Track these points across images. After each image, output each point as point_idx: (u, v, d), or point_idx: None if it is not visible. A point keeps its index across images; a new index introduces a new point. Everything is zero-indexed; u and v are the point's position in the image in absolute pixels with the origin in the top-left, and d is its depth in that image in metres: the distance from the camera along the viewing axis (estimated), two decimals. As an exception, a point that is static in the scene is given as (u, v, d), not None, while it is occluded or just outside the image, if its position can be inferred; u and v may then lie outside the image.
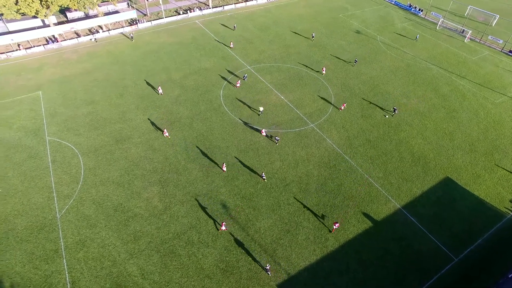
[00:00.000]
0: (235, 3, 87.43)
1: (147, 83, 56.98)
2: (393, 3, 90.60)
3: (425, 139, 45.27)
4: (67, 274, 30.90)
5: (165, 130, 45.62)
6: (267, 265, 30.36)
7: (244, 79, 55.77)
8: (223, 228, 33.58)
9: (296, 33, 72.90)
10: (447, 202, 37.54)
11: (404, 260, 32.22)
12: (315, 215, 35.62)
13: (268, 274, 30.67)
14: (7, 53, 66.73)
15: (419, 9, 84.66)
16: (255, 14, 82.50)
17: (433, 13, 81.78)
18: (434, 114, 49.60)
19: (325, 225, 34.64)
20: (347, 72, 59.07)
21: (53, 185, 39.28)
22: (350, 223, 34.87)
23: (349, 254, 32.46)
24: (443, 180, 39.93)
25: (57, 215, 36.03)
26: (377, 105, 50.89)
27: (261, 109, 47.78)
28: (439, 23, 77.70)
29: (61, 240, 33.67)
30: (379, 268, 31.60)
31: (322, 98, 52.43)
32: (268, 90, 54.29)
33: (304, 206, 36.44)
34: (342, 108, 49.08)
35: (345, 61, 62.29)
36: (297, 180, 39.29)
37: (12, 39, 67.29)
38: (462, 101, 52.64)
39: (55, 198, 37.73)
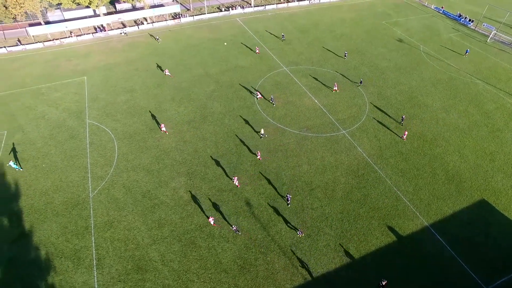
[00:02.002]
0: (276, 3, 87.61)
1: (184, 76, 58.53)
2: (441, 12, 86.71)
3: (462, 157, 43.09)
4: (94, 251, 32.56)
5: (162, 125, 45.89)
6: None
7: (271, 101, 51.79)
8: (211, 221, 34.03)
9: (336, 37, 71.86)
10: (481, 226, 35.48)
11: (427, 280, 30.92)
12: (338, 222, 35.06)
13: None
14: (61, 39, 71.26)
15: (470, 20, 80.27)
16: (296, 16, 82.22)
17: (485, 24, 77.22)
18: (475, 132, 47.07)
19: (346, 234, 34.01)
20: (385, 80, 57.46)
21: (88, 166, 41.46)
22: (373, 235, 34.00)
23: (370, 266, 31.66)
24: (478, 202, 37.83)
25: (90, 194, 38.00)
26: (414, 117, 49.08)
27: (262, 131, 44.83)
28: (490, 35, 73.32)
29: (92, 218, 35.51)
30: (400, 285, 30.57)
31: (356, 105, 51.37)
32: (302, 92, 54.00)
33: (328, 213, 35.98)
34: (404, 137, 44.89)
35: (383, 69, 60.60)
36: (323, 186, 38.85)
37: (66, 27, 71.84)
38: (508, 121, 49.47)
39: (89, 179, 39.81)
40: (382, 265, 31.68)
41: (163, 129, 45.87)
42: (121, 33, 74.05)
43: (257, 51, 65.29)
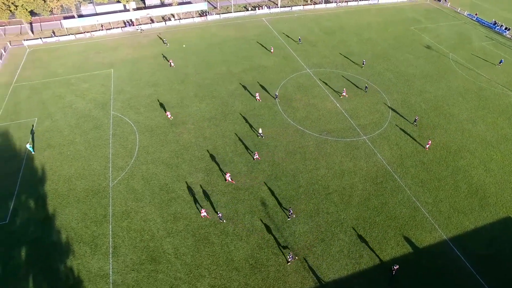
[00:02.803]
0: (303, 5, 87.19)
1: (208, 73, 59.21)
2: (474, 19, 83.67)
3: (488, 171, 41.49)
4: (111, 239, 33.47)
5: (168, 113, 48.30)
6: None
7: (275, 98, 52.55)
8: (203, 214, 34.50)
9: (361, 41, 70.79)
10: (504, 244, 33.93)
11: (442, 295, 30.06)
12: (353, 229, 34.55)
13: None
14: (92, 32, 73.67)
15: (506, 28, 76.94)
16: (322, 18, 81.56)
17: (522, 34, 74.02)
18: (504, 146, 45.19)
19: (361, 241, 33.44)
20: (409, 87, 56.08)
21: (110, 156, 42.64)
22: (388, 244, 33.29)
23: (383, 276, 31.04)
24: (503, 219, 36.27)
25: (110, 184, 39.08)
26: (438, 126, 47.67)
27: (260, 131, 44.85)
28: (527, 46, 70.20)
29: (110, 207, 36.51)
30: (413, 297, 29.86)
31: (379, 111, 50.43)
32: (324, 95, 53.52)
33: (344, 218, 35.53)
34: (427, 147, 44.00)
35: (409, 76, 59.18)
36: (340, 191, 38.38)
37: (97, 20, 74.33)
38: (539, 136, 47.25)
39: (110, 168, 40.94)
40: (395, 276, 30.98)
41: (169, 116, 48.01)
42: (137, 30, 75.71)
43: (271, 50, 65.48)
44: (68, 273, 30.74)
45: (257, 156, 41.63)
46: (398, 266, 30.02)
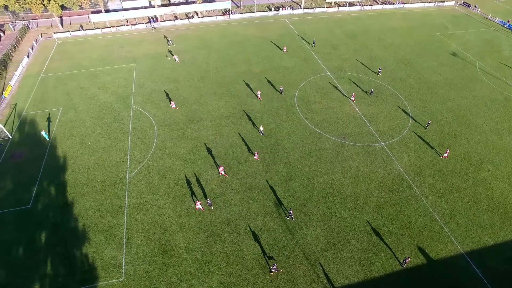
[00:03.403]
0: (327, 7, 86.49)
1: (228, 71, 59.62)
2: (506, 26, 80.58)
3: None
4: (125, 230, 34.24)
5: (172, 103, 49.87)
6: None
7: (280, 92, 53.53)
8: (198, 206, 35.26)
9: (384, 46, 69.61)
10: (525, 263, 32.72)
11: (455, 310, 29.27)
12: (366, 235, 34.07)
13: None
14: (117, 27, 75.52)
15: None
16: (345, 21, 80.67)
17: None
18: (529, 160, 43.48)
19: (373, 249, 32.96)
20: (432, 95, 54.71)
21: (129, 148, 43.59)
22: (401, 254, 32.67)
23: (394, 285, 30.46)
24: (525, 236, 34.96)
25: (127, 176, 39.96)
26: (459, 136, 46.35)
27: (261, 128, 45.32)
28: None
29: (126, 199, 37.34)
30: (425, 309, 29.22)
31: (398, 118, 49.48)
32: (343, 99, 52.95)
33: (357, 224, 35.10)
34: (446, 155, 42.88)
35: (432, 83, 57.74)
36: (354, 196, 37.93)
37: (123, 15, 76.17)
38: None
39: (128, 161, 41.86)
40: (407, 286, 30.42)
41: (173, 106, 49.71)
42: (150, 27, 76.83)
43: (284, 50, 65.39)
44: (83, 259, 31.68)
45: (257, 157, 41.65)
46: (410, 258, 30.97)
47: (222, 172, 39.48)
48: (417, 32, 76.16)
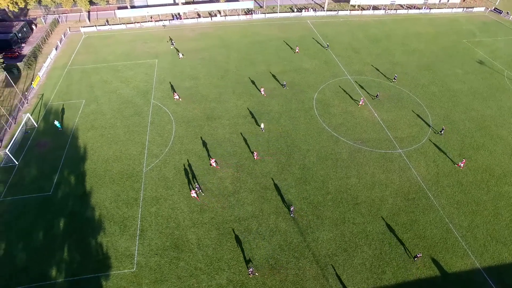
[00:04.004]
0: (350, 10, 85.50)
1: (248, 71, 59.86)
2: (537, 36, 77.59)
3: (535, 201, 38.53)
4: (139, 222, 35.01)
5: (175, 94, 51.37)
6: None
7: (284, 86, 55.20)
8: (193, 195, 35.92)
9: (407, 51, 68.20)
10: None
11: (468, 325, 28.47)
12: (379, 243, 33.56)
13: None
14: (141, 23, 77.13)
15: None
16: (368, 24, 79.51)
17: None
18: (556, 176, 41.70)
19: (385, 257, 32.43)
20: (454, 104, 53.22)
21: (147, 142, 44.48)
22: (414, 263, 32.03)
23: (405, 296, 29.99)
24: (547, 254, 33.60)
25: (144, 169, 40.79)
26: (482, 147, 44.94)
27: (262, 126, 45.63)
28: None
29: (142, 192, 38.14)
30: (436, 322, 28.57)
31: (418, 125, 48.42)
32: (362, 103, 52.22)
33: (370, 231, 34.63)
34: (462, 165, 41.89)
35: (455, 91, 56.15)
36: (369, 202, 37.44)
37: (147, 12, 77.74)
38: None
39: (146, 154, 42.72)
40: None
41: (176, 97, 51.30)
42: (162, 25, 77.76)
43: (296, 50, 65.26)
44: (98, 248, 32.60)
45: (256, 157, 41.74)
46: (421, 254, 31.33)
47: (214, 164, 40.15)
48: (442, 38, 74.26)
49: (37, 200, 37.17)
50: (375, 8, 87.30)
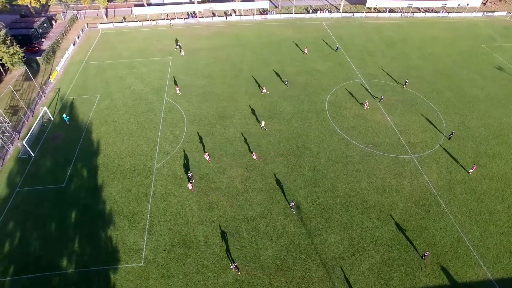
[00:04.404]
0: (366, 12, 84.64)
1: (261, 71, 59.91)
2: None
3: (551, 212, 37.46)
4: (148, 217, 35.45)
5: (177, 87, 52.82)
6: None
7: (285, 83, 55.95)
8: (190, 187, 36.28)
9: (424, 55, 67.12)
10: None
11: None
12: (387, 248, 33.18)
13: None
14: (157, 21, 78.03)
15: None
16: (384, 27, 78.59)
17: None
18: None
19: (393, 263, 32.04)
20: (470, 110, 52.09)
21: (158, 139, 44.99)
22: (423, 271, 31.55)
23: (413, 303, 29.60)
24: None
25: (155, 166, 41.27)
26: (498, 156, 43.92)
27: (263, 124, 46.22)
28: None
29: (152, 187, 38.60)
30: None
31: (431, 131, 47.63)
32: (375, 107, 51.72)
33: (378, 236, 34.27)
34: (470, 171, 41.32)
35: (471, 97, 54.96)
36: (378, 207, 37.05)
37: (163, 10, 78.55)
38: None
39: (157, 151, 43.22)
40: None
41: (178, 91, 52.92)
42: (168, 23, 78.35)
43: (305, 51, 64.96)
44: (107, 241, 33.16)
45: (255, 157, 41.68)
46: (429, 253, 31.78)
47: (207, 157, 41.08)
48: (460, 42, 72.82)
49: (51, 191, 38.04)
50: (391, 11, 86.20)
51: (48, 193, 37.82)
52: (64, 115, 47.39)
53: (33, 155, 42.28)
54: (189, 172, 37.55)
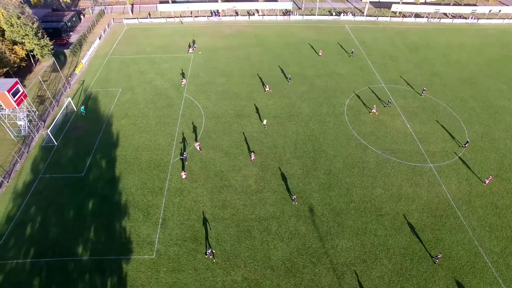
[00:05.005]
0: (391, 16, 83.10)
1: (281, 71, 59.86)
2: None
3: None
4: (162, 211, 36.05)
5: (183, 79, 54.16)
6: None
7: (288, 79, 56.53)
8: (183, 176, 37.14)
9: (449, 62, 65.25)
10: None
11: None
12: (400, 258, 32.52)
13: None
14: (181, 18, 79.20)
15: None
16: (409, 32, 76.90)
17: None
18: None
19: (405, 273, 31.38)
20: (495, 121, 50.26)
21: (176, 134, 45.67)
22: (436, 284, 30.75)
23: (424, 315, 28.92)
24: None
25: (171, 160, 41.93)
26: (522, 170, 42.31)
27: (265, 122, 46.57)
28: None
29: (167, 182, 39.22)
30: None
31: (453, 140, 46.31)
32: (395, 113, 50.75)
33: (391, 244, 33.64)
34: (487, 182, 40.02)
35: (497, 108, 53.07)
36: (393, 215, 36.37)
37: (187, 7, 79.67)
38: None
39: (174, 146, 43.87)
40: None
41: (183, 82, 53.90)
42: (180, 21, 78.99)
43: (320, 53, 64.27)
44: (121, 232, 33.95)
45: (254, 158, 41.56)
46: (441, 255, 31.37)
47: (198, 147, 41.72)
48: (489, 50, 70.39)
49: (71, 180, 39.27)
50: (417, 15, 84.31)
51: (68, 181, 39.06)
52: (82, 108, 48.72)
53: (56, 143, 43.76)
54: (184, 153, 37.73)
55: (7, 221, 34.84)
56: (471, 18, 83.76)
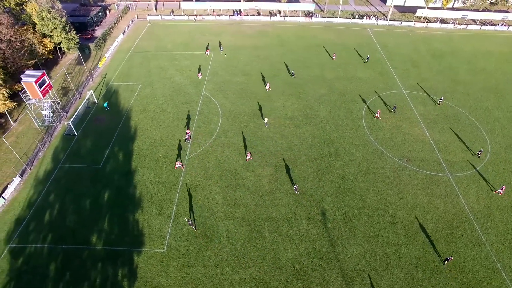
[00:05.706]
0: (415, 21, 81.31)
1: (300, 73, 59.56)
2: None
3: None
4: (175, 206, 36.57)
5: (199, 74, 55.93)
6: None
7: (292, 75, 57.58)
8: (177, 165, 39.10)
9: (474, 70, 63.27)
10: None
11: None
12: (412, 268, 31.86)
13: None
14: (203, 16, 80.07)
15: None
16: (433, 38, 75.05)
17: None
18: None
19: (416, 283, 30.71)
20: (521, 133, 48.57)
21: (192, 131, 46.21)
22: (449, 298, 30.04)
23: (434, 328, 28.25)
24: None
25: (186, 156, 42.46)
26: (546, 186, 40.66)
27: (266, 120, 46.49)
28: None
29: (181, 178, 39.77)
30: None
31: (473, 150, 44.85)
32: (414, 120, 49.70)
33: (403, 253, 33.01)
34: (501, 191, 38.99)
35: (525, 120, 51.16)
36: (406, 224, 35.67)
37: (210, 6, 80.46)
38: None
39: (190, 143, 44.35)
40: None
41: (200, 76, 54.13)
42: (194, 20, 79.39)
43: (333, 57, 63.60)
44: (134, 224, 34.66)
45: (249, 157, 41.42)
46: (452, 258, 31.35)
47: (187, 136, 43.82)
48: (516, 60, 67.93)
49: (89, 170, 40.39)
50: (443, 21, 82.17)
51: (86, 172, 40.18)
52: (105, 104, 49.87)
53: (76, 134, 45.07)
54: (187, 132, 39.11)
55: (28, 206, 36.24)
56: (501, 25, 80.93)
